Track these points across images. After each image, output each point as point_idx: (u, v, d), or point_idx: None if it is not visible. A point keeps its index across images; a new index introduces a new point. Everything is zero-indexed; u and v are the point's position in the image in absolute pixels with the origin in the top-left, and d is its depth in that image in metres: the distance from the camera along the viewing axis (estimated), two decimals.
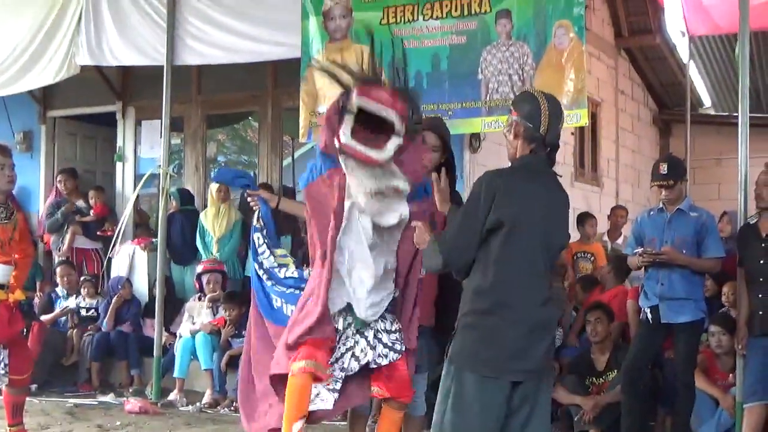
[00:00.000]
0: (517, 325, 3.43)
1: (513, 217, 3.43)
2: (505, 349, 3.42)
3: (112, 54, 8.55)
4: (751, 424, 5.53)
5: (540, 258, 3.51)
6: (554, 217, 3.60)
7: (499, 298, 3.44)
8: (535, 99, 3.61)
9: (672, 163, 5.92)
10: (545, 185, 3.60)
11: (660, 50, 12.31)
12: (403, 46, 7.04)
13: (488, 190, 3.45)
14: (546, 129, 3.54)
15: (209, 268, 8.44)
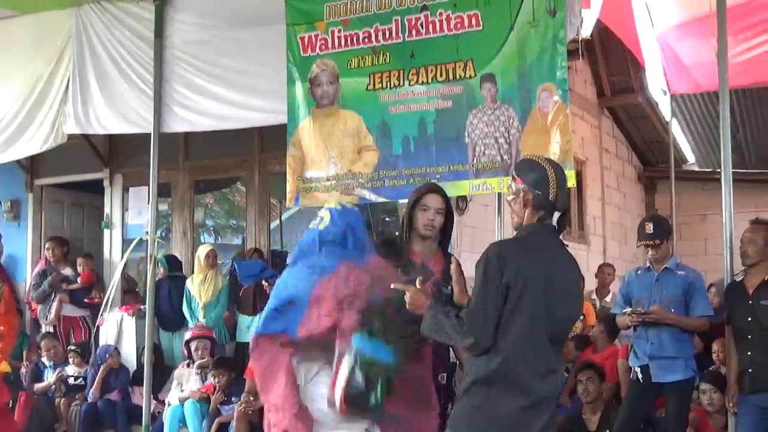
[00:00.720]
0: (517, 397, 3.37)
1: (519, 289, 3.36)
2: (502, 421, 3.38)
3: (99, 122, 8.55)
4: None
5: (542, 331, 3.43)
6: (561, 287, 3.50)
7: (499, 369, 3.37)
8: (540, 166, 3.59)
9: (657, 222, 5.97)
10: (552, 255, 3.54)
11: (642, 109, 12.49)
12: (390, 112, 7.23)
13: (499, 262, 3.39)
14: (555, 195, 3.51)
15: (198, 334, 8.41)
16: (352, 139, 7.38)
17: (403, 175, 7.13)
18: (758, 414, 5.52)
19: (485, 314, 3.38)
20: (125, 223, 10.61)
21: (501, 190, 6.87)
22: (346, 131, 7.42)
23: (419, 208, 4.61)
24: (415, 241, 4.63)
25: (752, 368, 5.54)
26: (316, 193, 7.55)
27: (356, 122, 7.37)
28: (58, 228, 11.10)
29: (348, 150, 7.40)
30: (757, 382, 5.52)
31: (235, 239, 17.28)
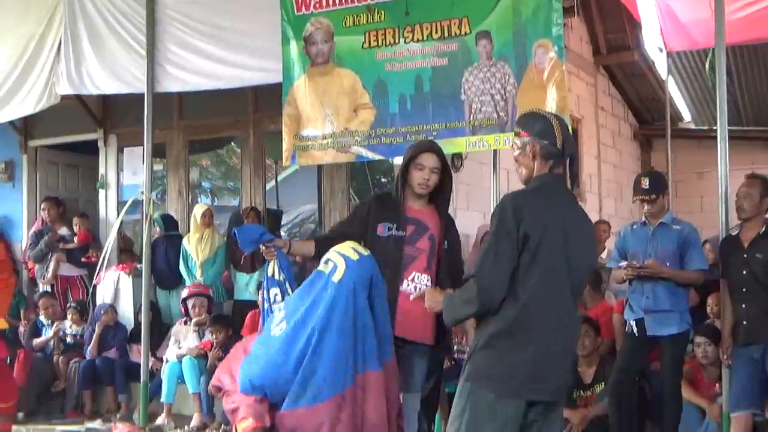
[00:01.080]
0: (537, 347, 3.39)
1: (538, 237, 3.36)
2: (523, 371, 3.39)
3: (93, 83, 8.54)
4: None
5: (564, 278, 3.44)
6: (577, 236, 3.51)
7: (521, 319, 3.37)
8: (543, 116, 3.63)
9: (653, 177, 5.99)
10: (565, 204, 3.55)
11: (638, 66, 12.45)
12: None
13: (515, 210, 3.38)
14: (562, 141, 3.53)
15: (195, 292, 8.46)
16: (348, 98, 7.36)
17: (399, 133, 7.12)
18: (752, 366, 5.58)
19: (496, 262, 3.38)
20: (120, 184, 10.63)
21: (497, 147, 6.89)
22: (341, 89, 7.40)
23: (415, 166, 4.60)
24: (409, 198, 4.64)
25: (746, 321, 5.59)
26: (312, 151, 7.56)
27: (352, 80, 7.35)
28: (53, 189, 11.12)
29: (344, 108, 7.38)
30: (750, 334, 5.57)
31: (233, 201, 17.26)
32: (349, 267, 4.09)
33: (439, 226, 4.64)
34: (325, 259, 4.16)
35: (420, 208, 4.62)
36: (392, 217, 4.49)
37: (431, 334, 4.51)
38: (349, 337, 4.07)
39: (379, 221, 4.51)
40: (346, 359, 4.08)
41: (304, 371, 4.08)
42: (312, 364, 4.07)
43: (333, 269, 4.10)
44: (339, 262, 4.10)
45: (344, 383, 4.06)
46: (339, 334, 4.07)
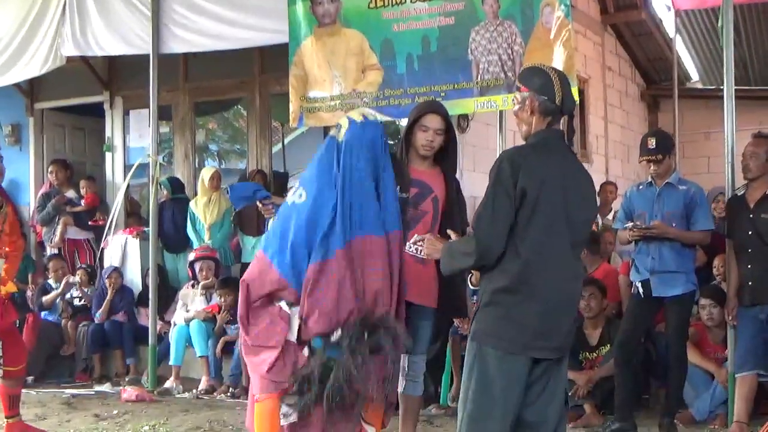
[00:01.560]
0: (541, 302, 3.39)
1: (536, 192, 3.36)
2: (528, 327, 3.39)
3: (98, 44, 8.52)
4: (744, 393, 5.58)
5: (564, 233, 3.44)
6: (576, 190, 3.51)
7: (523, 275, 3.37)
8: (543, 71, 3.59)
9: (660, 137, 5.94)
10: (564, 159, 3.54)
11: (646, 25, 12.34)
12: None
13: (512, 166, 3.38)
14: (561, 98, 3.51)
15: (202, 255, 8.46)
16: (356, 58, 7.35)
17: (408, 94, 7.12)
18: (757, 326, 5.59)
19: (493, 216, 3.38)
20: (127, 146, 10.62)
21: (505, 107, 6.86)
22: (349, 50, 7.38)
23: (419, 127, 4.54)
24: (413, 159, 4.59)
25: (752, 281, 5.58)
26: (320, 113, 7.56)
27: (359, 41, 7.33)
28: (59, 152, 11.11)
29: (352, 69, 7.38)
30: (756, 295, 5.57)
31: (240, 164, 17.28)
32: (351, 127, 4.07)
33: (444, 188, 4.61)
34: (336, 124, 4.13)
35: (424, 169, 4.59)
36: (396, 178, 4.45)
37: (434, 296, 4.50)
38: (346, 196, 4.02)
39: None
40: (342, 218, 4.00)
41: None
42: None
43: (338, 130, 4.08)
44: (344, 123, 4.09)
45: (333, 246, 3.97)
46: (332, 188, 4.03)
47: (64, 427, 6.44)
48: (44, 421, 6.65)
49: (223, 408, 7.08)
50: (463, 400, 3.50)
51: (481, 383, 3.43)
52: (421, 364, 4.64)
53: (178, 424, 6.44)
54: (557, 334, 3.46)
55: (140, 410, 7.05)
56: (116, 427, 6.41)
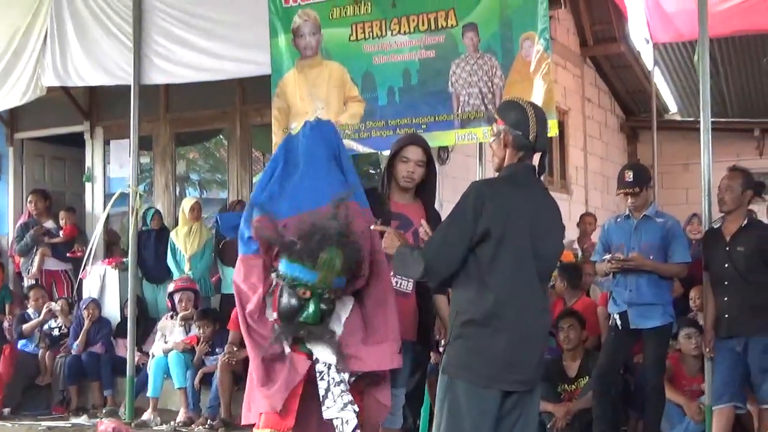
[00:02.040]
0: (509, 335, 3.43)
1: (502, 226, 3.42)
2: (497, 360, 3.43)
3: (78, 74, 8.54)
4: (721, 425, 5.60)
5: (531, 267, 3.49)
6: (543, 224, 3.57)
7: (491, 308, 3.42)
8: (521, 107, 3.65)
9: (637, 170, 6.00)
10: (533, 193, 3.60)
11: (625, 58, 12.49)
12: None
13: (477, 199, 3.44)
14: (535, 136, 3.57)
15: (181, 286, 8.43)
16: (338, 90, 7.41)
17: (389, 126, 7.17)
18: (734, 358, 5.61)
19: (444, 241, 3.48)
20: (107, 177, 10.60)
21: (485, 140, 6.90)
22: (331, 82, 7.44)
23: (400, 159, 4.57)
24: (395, 192, 4.62)
25: (728, 313, 5.62)
26: None
27: (341, 73, 7.40)
28: (39, 181, 11.09)
29: (334, 101, 7.43)
30: (733, 327, 5.61)
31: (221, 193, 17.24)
32: (306, 123, 4.47)
33: (425, 221, 4.63)
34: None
35: (405, 203, 4.61)
36: (377, 211, 4.47)
37: (414, 330, 4.52)
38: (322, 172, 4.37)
39: None
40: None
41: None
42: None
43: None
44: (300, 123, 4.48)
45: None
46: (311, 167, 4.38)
47: None
48: None
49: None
50: (436, 427, 3.53)
51: (453, 416, 3.46)
52: (401, 398, 4.65)
53: None
54: (527, 366, 3.50)
55: None
56: None
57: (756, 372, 5.57)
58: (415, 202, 4.65)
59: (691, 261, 5.95)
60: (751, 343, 5.55)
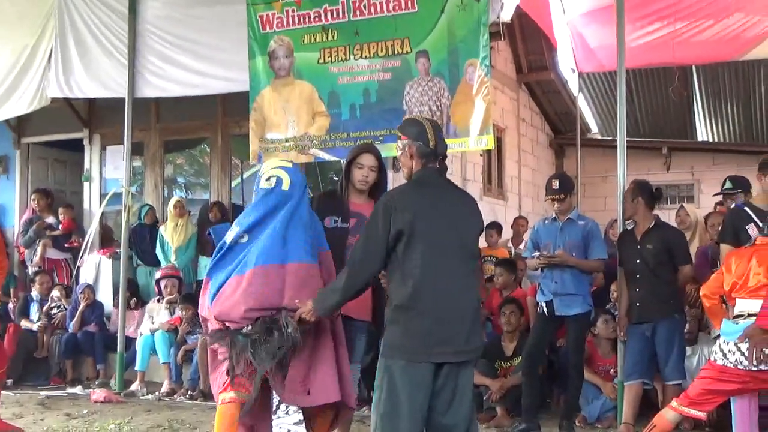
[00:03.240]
0: (433, 314, 3.44)
1: (411, 225, 3.46)
2: (425, 337, 3.43)
3: (79, 87, 8.49)
4: (630, 399, 5.66)
5: (446, 252, 3.51)
6: (453, 215, 3.60)
7: (412, 293, 3.44)
8: (418, 121, 3.75)
9: (563, 179, 6.05)
10: (440, 191, 3.64)
11: (554, 84, 12.56)
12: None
13: (385, 208, 3.51)
14: (435, 143, 3.64)
15: (166, 273, 8.38)
16: (307, 106, 7.47)
17: (351, 138, 7.23)
18: (643, 342, 5.68)
19: (365, 245, 3.54)
20: (103, 178, 10.45)
21: None
22: (301, 99, 7.52)
23: (355, 165, 4.55)
24: (352, 194, 4.60)
25: (639, 302, 5.69)
26: (277, 152, 7.65)
27: (310, 91, 7.46)
28: (42, 181, 10.90)
29: (303, 115, 7.49)
30: (643, 313, 5.68)
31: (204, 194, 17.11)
32: (291, 174, 4.02)
33: None
34: (266, 177, 4.01)
35: (361, 203, 4.59)
36: (337, 210, 4.47)
37: (369, 311, 4.51)
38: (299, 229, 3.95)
39: (326, 214, 4.47)
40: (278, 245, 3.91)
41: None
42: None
43: (278, 181, 3.99)
44: (281, 174, 4.00)
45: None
46: (294, 226, 3.95)
47: (39, 425, 6.28)
48: (21, 419, 6.47)
49: (182, 408, 6.98)
50: (375, 405, 3.53)
51: (390, 390, 3.46)
52: (357, 373, 4.63)
53: (141, 423, 6.33)
54: (455, 340, 3.48)
55: (107, 410, 6.92)
56: (85, 425, 6.26)
57: (662, 352, 5.64)
58: (369, 201, 4.60)
59: (608, 258, 6.02)
60: (658, 327, 5.62)
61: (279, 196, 3.96)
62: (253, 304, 3.80)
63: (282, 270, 3.82)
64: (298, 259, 3.85)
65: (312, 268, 3.89)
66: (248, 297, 3.80)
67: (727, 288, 4.72)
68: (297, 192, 3.98)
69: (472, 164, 10.44)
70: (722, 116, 13.12)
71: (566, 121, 13.51)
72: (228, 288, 3.87)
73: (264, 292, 3.80)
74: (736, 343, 4.47)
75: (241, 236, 3.95)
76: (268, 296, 3.80)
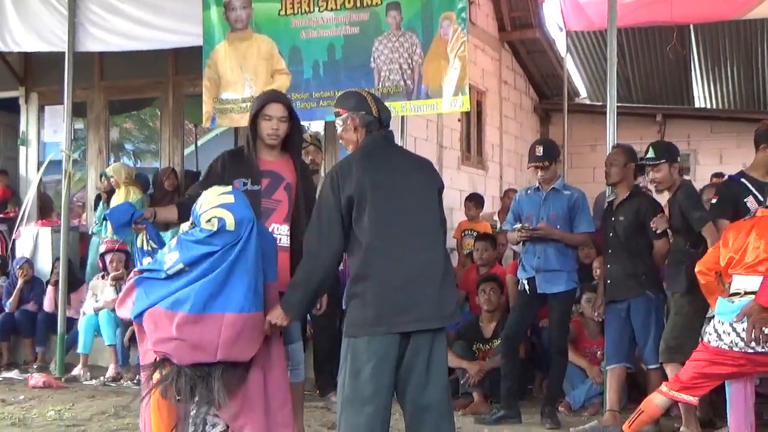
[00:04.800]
0: (387, 281, 3.44)
1: (360, 188, 3.47)
2: (382, 305, 3.43)
3: (14, 40, 8.34)
4: (614, 384, 5.67)
5: (402, 215, 3.52)
6: (406, 175, 3.62)
7: (366, 262, 3.46)
8: (355, 92, 3.81)
9: (547, 145, 6.04)
10: (389, 157, 3.65)
11: (540, 44, 12.55)
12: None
13: (331, 179, 3.53)
14: (377, 110, 3.68)
15: (111, 247, 8.26)
16: (266, 63, 7.38)
17: (313, 98, 7.18)
18: (620, 322, 5.68)
19: (319, 227, 3.53)
20: (41, 141, 10.33)
21: (404, 113, 7.02)
22: (259, 55, 7.42)
23: (262, 117, 4.33)
24: (262, 151, 4.41)
25: (610, 279, 5.72)
26: (232, 114, 7.59)
27: (269, 46, 7.36)
28: None
29: (262, 73, 7.40)
30: (613, 291, 5.70)
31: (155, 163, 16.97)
32: (234, 211, 3.77)
33: (294, 174, 4.47)
34: (208, 218, 3.76)
35: (274, 159, 4.42)
36: (246, 171, 4.31)
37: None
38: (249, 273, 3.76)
39: (234, 177, 4.30)
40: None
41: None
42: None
43: (221, 222, 3.75)
44: (223, 214, 3.75)
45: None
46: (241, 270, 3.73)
47: None
48: None
49: (129, 394, 6.90)
50: (340, 388, 3.54)
51: (353, 370, 3.47)
52: (300, 353, 4.60)
53: (83, 409, 6.28)
54: (415, 306, 3.45)
55: (47, 396, 6.86)
56: (22, 411, 6.21)
57: (639, 333, 5.65)
58: (282, 157, 4.46)
59: (594, 231, 6.02)
60: (632, 306, 5.64)
61: (225, 238, 3.76)
62: (185, 358, 3.68)
63: (219, 320, 3.66)
64: (239, 309, 3.68)
65: (251, 318, 3.71)
66: (180, 348, 3.68)
67: (723, 263, 4.73)
68: (244, 230, 3.77)
69: (449, 129, 10.42)
70: (721, 81, 13.20)
71: (552, 85, 13.53)
72: (157, 317, 3.70)
73: (195, 346, 3.67)
74: (732, 324, 4.50)
75: (182, 267, 3.76)
76: (199, 351, 3.67)
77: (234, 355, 3.68)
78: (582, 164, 12.95)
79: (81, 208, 10.57)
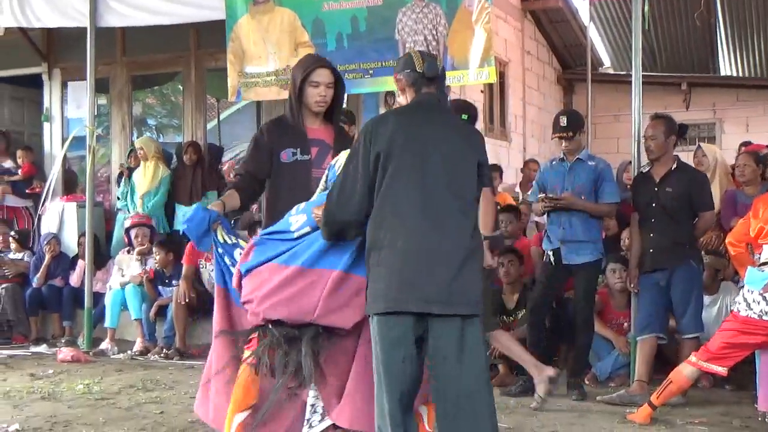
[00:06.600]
0: (405, 253, 3.15)
1: (386, 152, 3.23)
2: (394, 279, 3.14)
3: (36, 16, 8.32)
4: (644, 355, 5.68)
5: (428, 183, 3.23)
6: (443, 141, 3.32)
7: (385, 229, 3.19)
8: (406, 53, 3.60)
9: (571, 115, 6.00)
10: (432, 114, 3.42)
11: (563, 13, 12.45)
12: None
13: (364, 132, 3.32)
14: (422, 65, 3.43)
15: (137, 222, 8.32)
16: (289, 36, 7.36)
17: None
18: (657, 292, 5.68)
19: (342, 186, 3.30)
20: (65, 117, 10.35)
21: None
22: (282, 28, 7.40)
23: (309, 84, 4.20)
24: (307, 118, 4.27)
25: (653, 248, 5.68)
26: (257, 87, 7.58)
27: (291, 19, 7.35)
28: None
29: (285, 46, 7.39)
30: (657, 260, 5.67)
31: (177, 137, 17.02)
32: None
33: (334, 139, 4.33)
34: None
35: (319, 127, 4.30)
36: (294, 141, 4.19)
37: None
38: None
39: (282, 147, 4.18)
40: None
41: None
42: None
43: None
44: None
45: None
46: None
47: (1, 385, 6.28)
48: None
49: (156, 368, 7.00)
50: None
51: (379, 352, 3.22)
52: None
53: (111, 383, 6.34)
54: (428, 284, 3.13)
55: (75, 370, 6.93)
56: (51, 385, 6.27)
57: (678, 303, 5.65)
58: (326, 126, 4.34)
59: (619, 201, 5.99)
60: (675, 275, 5.62)
61: None
62: (281, 312, 3.57)
63: (326, 276, 3.52)
64: (345, 268, 3.50)
65: (356, 281, 3.48)
66: (278, 305, 3.56)
67: (753, 234, 4.70)
68: None
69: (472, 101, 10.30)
70: (748, 48, 13.04)
71: (576, 55, 13.42)
72: (264, 272, 3.61)
73: (292, 300, 3.54)
74: (762, 293, 4.47)
75: (308, 230, 3.60)
76: (302, 308, 3.55)
77: (332, 319, 3.51)
78: (606, 135, 12.88)
79: (105, 183, 10.61)
